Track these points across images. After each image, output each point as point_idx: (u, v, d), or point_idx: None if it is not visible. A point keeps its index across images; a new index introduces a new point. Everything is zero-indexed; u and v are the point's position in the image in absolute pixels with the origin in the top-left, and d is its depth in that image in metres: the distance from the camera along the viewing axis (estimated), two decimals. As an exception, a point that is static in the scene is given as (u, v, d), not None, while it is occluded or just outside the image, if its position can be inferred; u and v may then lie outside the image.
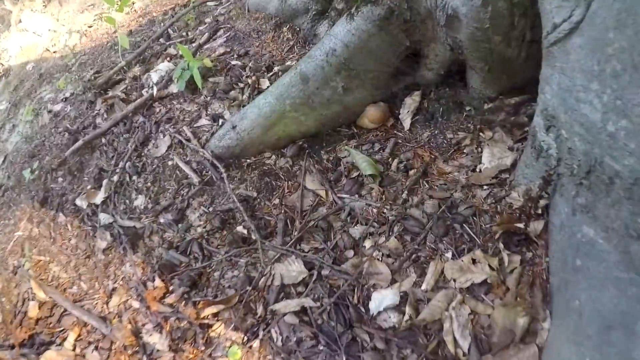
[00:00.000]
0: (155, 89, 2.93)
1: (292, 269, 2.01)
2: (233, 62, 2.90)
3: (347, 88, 2.32)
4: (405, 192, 2.15)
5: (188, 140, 2.60)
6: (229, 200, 2.36)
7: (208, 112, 2.71)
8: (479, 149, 2.23)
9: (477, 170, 2.05)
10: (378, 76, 2.38)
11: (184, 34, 3.44)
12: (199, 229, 2.27)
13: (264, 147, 2.46)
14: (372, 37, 2.23)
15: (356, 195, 2.19)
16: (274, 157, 2.45)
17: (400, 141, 2.37)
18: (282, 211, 2.23)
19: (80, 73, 3.57)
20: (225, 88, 2.77)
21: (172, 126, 2.68)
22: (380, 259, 1.95)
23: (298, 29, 3.03)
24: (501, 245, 1.75)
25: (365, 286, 1.88)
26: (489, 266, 1.71)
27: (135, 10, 4.47)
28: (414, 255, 1.94)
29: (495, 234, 1.79)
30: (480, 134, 2.28)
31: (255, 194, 2.35)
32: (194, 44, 3.24)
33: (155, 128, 2.72)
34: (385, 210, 2.11)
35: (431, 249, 1.93)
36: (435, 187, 2.14)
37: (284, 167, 2.39)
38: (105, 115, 2.95)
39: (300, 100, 2.32)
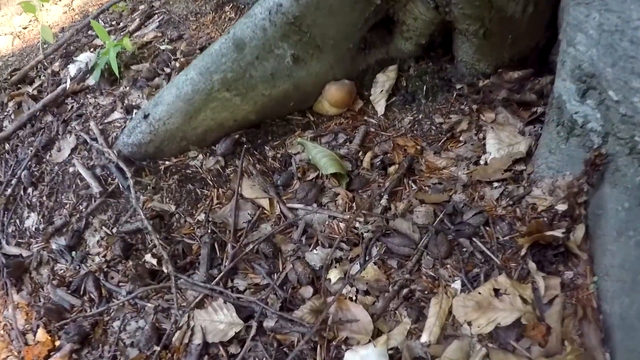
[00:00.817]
0: (68, 82, 2.53)
1: (220, 319, 1.32)
2: (162, 47, 2.52)
3: (299, 58, 1.69)
4: (385, 196, 1.52)
5: (95, 139, 2.04)
6: (137, 218, 1.65)
7: (124, 104, 2.19)
8: (481, 135, 1.70)
9: (482, 162, 1.61)
10: (340, 45, 1.76)
11: (114, 22, 3.13)
12: (97, 259, 1.71)
13: (186, 142, 1.78)
14: (331, -12, 1.62)
15: (314, 205, 1.53)
16: (200, 156, 1.77)
17: (373, 129, 1.75)
18: (209, 231, 1.54)
19: (1, 74, 3.14)
20: (148, 75, 2.32)
21: (81, 124, 2.25)
22: (354, 297, 1.30)
23: (242, 6, 2.62)
24: (532, 265, 1.31)
25: (334, 343, 1.22)
26: (520, 297, 1.26)
27: (73, 9, 4.12)
28: (404, 290, 1.33)
29: (520, 249, 1.35)
30: (480, 116, 1.70)
31: (173, 208, 1.66)
32: (123, 33, 2.90)
33: (63, 128, 2.29)
34: (357, 224, 1.46)
35: (429, 277, 1.32)
36: (427, 188, 1.53)
37: (213, 169, 1.71)
38: (13, 117, 2.52)
39: (233, 75, 1.66)
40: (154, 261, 1.54)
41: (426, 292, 1.33)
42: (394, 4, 1.78)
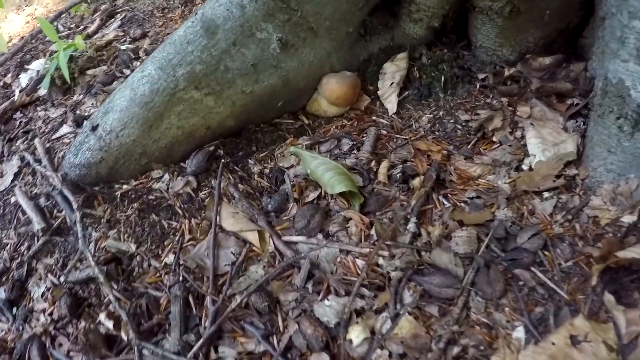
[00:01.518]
0: (17, 94, 2.25)
1: (201, 412, 0.92)
2: (123, 47, 2.30)
3: (288, 44, 1.32)
4: (413, 219, 1.15)
5: (39, 160, 1.67)
6: (88, 262, 1.27)
7: (75, 116, 1.87)
8: (518, 133, 1.41)
9: (525, 166, 1.33)
10: (338, 28, 1.40)
11: (73, 26, 2.90)
12: (43, 318, 1.31)
13: (148, 159, 1.39)
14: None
15: (319, 236, 1.16)
16: (166, 176, 1.39)
17: (385, 132, 1.39)
18: (180, 278, 1.15)
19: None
20: (104, 79, 2.06)
21: (27, 142, 1.92)
22: (387, 368, 0.93)
23: (215, -2, 2.23)
24: (609, 298, 1.04)
25: None
26: (604, 344, 0.98)
27: (35, 18, 3.89)
28: (453, 348, 0.97)
29: (589, 277, 1.09)
30: (513, 110, 1.37)
31: (133, 248, 1.28)
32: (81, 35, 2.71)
33: (8, 148, 1.97)
34: (380, 260, 1.09)
35: (483, 326, 1.00)
36: (463, 205, 1.19)
37: (182, 193, 1.33)
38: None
39: (203, 67, 1.29)
40: (110, 324, 1.15)
41: (482, 348, 0.97)
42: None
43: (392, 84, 1.45)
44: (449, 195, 1.25)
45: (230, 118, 1.36)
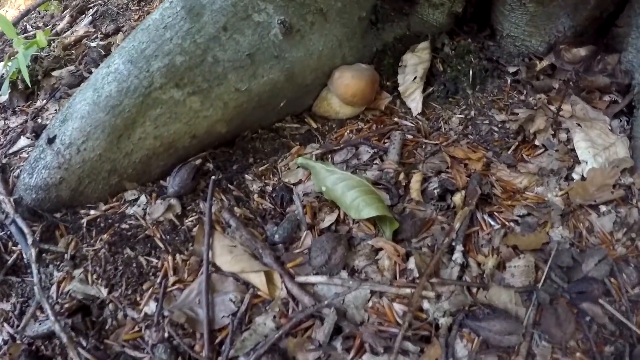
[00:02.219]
0: None
1: None
2: (93, 45, 2.09)
3: (293, 28, 1.07)
4: (459, 247, 0.92)
5: None
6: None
7: (34, 125, 1.62)
8: (562, 136, 1.23)
9: (576, 175, 1.16)
10: (351, 12, 1.15)
11: (42, 24, 2.68)
12: None
13: (119, 177, 1.13)
14: None
15: (344, 274, 0.90)
16: (143, 198, 1.13)
17: (410, 136, 1.15)
18: (165, 334, 0.89)
19: None
20: (70, 81, 1.83)
21: None
22: None
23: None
24: None
25: None
26: None
27: None
28: None
29: None
30: (552, 108, 1.18)
31: (104, 293, 1.03)
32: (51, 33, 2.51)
33: None
34: (425, 304, 0.85)
35: None
36: (513, 224, 1.00)
37: (163, 220, 1.07)
38: None
39: (185, 59, 1.03)
40: (74, 397, 0.88)
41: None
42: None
43: (415, 78, 1.21)
44: (495, 213, 1.02)
45: (221, 123, 1.09)
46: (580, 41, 1.42)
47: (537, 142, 1.18)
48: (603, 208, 1.08)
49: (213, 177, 1.05)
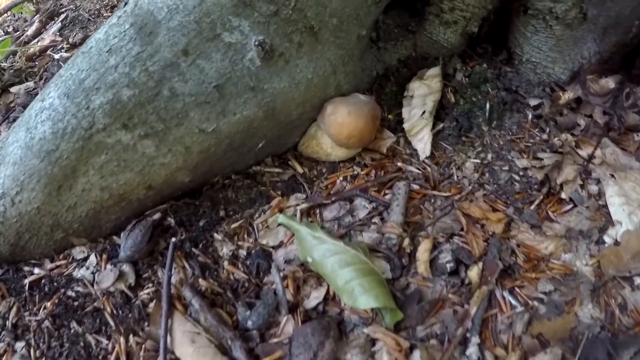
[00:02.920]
0: None
1: None
2: (57, 57, 1.97)
3: (274, 52, 0.86)
4: (474, 339, 0.72)
5: None
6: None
7: None
8: (593, 188, 1.03)
9: (610, 238, 0.95)
10: (349, 29, 0.95)
11: (11, 29, 2.55)
12: None
13: (64, 232, 0.94)
14: None
15: (333, 374, 0.71)
16: (92, 258, 0.94)
17: (416, 186, 0.94)
18: None
19: None
20: (26, 101, 1.66)
21: None
22: None
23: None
24: None
25: None
26: None
27: None
28: None
29: None
30: (582, 152, 0.98)
31: None
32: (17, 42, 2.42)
33: None
34: None
35: None
36: (537, 304, 0.82)
37: (114, 290, 0.86)
38: None
39: (134, 92, 0.82)
40: None
41: None
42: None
43: (423, 113, 1.01)
44: (516, 289, 0.83)
45: (183, 171, 0.89)
46: (605, 69, 1.23)
47: (563, 195, 0.98)
48: (638, 280, 0.89)
49: (173, 240, 0.85)
